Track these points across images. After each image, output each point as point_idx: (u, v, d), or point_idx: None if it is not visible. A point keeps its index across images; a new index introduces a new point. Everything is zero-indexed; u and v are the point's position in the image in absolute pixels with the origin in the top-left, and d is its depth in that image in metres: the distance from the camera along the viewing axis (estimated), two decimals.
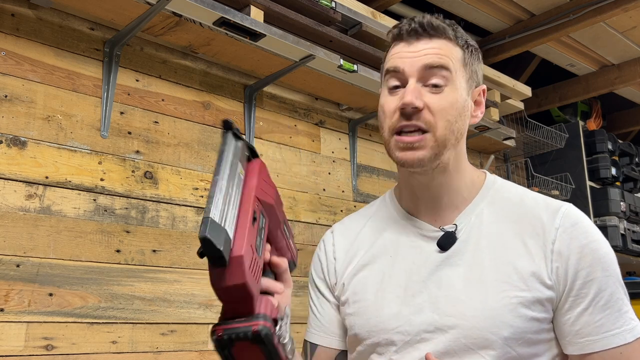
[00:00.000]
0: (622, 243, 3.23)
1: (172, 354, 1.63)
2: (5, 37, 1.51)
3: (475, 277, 0.86)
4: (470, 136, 2.53)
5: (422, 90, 0.87)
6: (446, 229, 0.91)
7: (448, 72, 0.88)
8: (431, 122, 0.86)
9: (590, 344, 0.83)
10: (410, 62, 0.88)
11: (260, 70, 1.95)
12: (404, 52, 0.90)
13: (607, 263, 0.85)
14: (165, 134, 1.77)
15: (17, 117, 1.49)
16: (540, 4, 2.57)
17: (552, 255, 0.85)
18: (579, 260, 0.84)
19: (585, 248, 0.85)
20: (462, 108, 0.89)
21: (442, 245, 0.90)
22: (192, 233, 1.76)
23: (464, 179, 0.95)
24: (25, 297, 1.41)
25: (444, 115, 0.86)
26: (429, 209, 0.94)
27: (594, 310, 0.83)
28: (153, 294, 1.63)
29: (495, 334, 0.82)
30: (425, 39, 0.89)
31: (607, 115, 3.83)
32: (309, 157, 2.16)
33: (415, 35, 0.90)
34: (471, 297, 0.85)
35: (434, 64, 0.87)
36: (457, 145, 0.91)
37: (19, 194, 1.46)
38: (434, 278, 0.89)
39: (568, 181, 3.17)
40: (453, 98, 0.88)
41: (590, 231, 0.87)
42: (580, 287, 0.84)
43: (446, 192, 0.93)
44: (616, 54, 2.99)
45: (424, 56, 0.88)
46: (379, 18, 2.19)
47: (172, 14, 1.60)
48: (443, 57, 0.88)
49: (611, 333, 0.83)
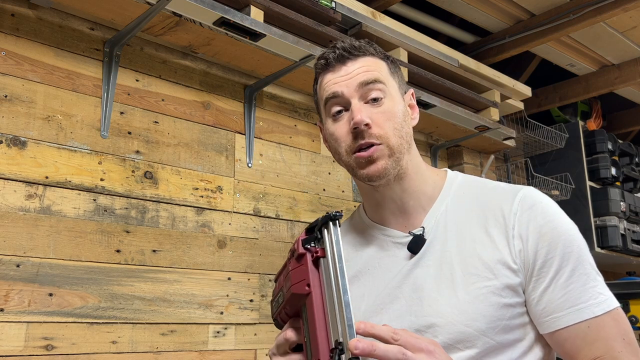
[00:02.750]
0: (622, 243, 3.22)
1: (172, 354, 1.63)
2: (5, 37, 1.51)
3: (445, 274, 0.88)
4: (470, 136, 2.53)
5: (366, 107, 0.91)
6: (414, 233, 0.94)
7: (382, 84, 0.93)
8: (381, 135, 0.90)
9: (556, 320, 0.84)
10: (346, 84, 0.92)
11: (260, 70, 1.95)
12: (337, 77, 0.94)
13: (568, 240, 0.86)
14: (165, 134, 1.77)
15: (17, 117, 1.49)
16: (540, 4, 2.57)
17: (513, 240, 0.87)
18: (537, 240, 0.86)
19: (544, 227, 0.86)
20: (403, 114, 0.94)
21: (412, 249, 0.93)
22: (192, 233, 1.76)
23: (426, 180, 0.98)
24: (25, 297, 1.41)
25: (391, 124, 0.91)
26: (396, 216, 0.97)
27: (555, 288, 0.84)
28: (153, 294, 1.63)
29: (471, 327, 0.84)
30: (351, 61, 0.94)
31: (607, 115, 3.83)
32: (309, 157, 2.16)
33: (341, 60, 0.94)
34: (443, 294, 0.87)
35: (368, 80, 0.92)
36: (410, 149, 0.95)
37: (19, 194, 1.46)
38: (408, 282, 0.91)
39: (568, 181, 3.17)
40: (393, 107, 0.92)
41: (548, 211, 0.88)
42: (540, 267, 0.85)
43: (410, 196, 0.96)
44: (616, 54, 2.99)
45: (357, 75, 0.93)
46: (379, 18, 2.19)
47: (172, 14, 1.60)
48: (373, 72, 0.93)
49: (576, 308, 0.83)
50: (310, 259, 0.71)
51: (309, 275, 0.69)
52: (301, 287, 0.70)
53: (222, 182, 1.88)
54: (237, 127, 1.96)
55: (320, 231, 0.73)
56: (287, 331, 0.76)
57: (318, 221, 0.74)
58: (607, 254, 3.21)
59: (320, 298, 0.68)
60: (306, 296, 0.69)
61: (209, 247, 1.79)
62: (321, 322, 0.66)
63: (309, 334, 0.68)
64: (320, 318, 0.66)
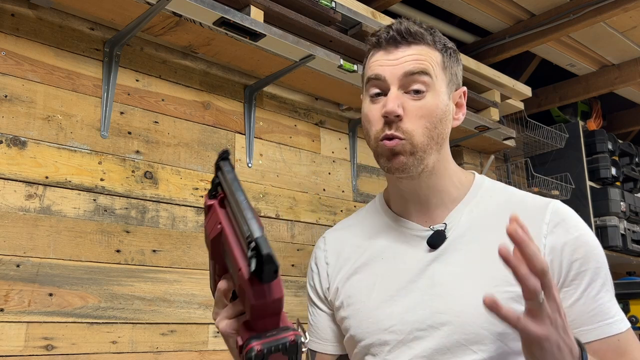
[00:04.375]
0: (622, 243, 3.22)
1: (172, 354, 1.63)
2: (5, 37, 1.51)
3: (466, 273, 0.87)
4: (470, 136, 2.53)
5: (404, 97, 0.89)
6: (436, 228, 0.93)
7: (428, 77, 0.89)
8: (409, 131, 0.87)
9: (586, 333, 0.84)
10: (391, 70, 0.89)
11: (260, 70, 1.95)
12: (384, 60, 0.91)
13: (598, 255, 0.87)
14: (165, 134, 1.77)
15: (17, 117, 1.49)
16: (540, 4, 2.57)
17: (544, 249, 0.86)
18: (572, 252, 0.86)
19: (578, 240, 0.86)
20: (444, 113, 0.91)
21: (432, 243, 0.91)
22: (192, 233, 1.76)
23: (452, 180, 0.96)
24: (25, 297, 1.41)
25: (424, 122, 0.88)
26: (418, 210, 0.96)
27: (587, 301, 0.84)
28: (153, 294, 1.63)
29: (488, 330, 0.83)
30: (404, 46, 0.91)
31: (607, 115, 3.83)
32: (309, 157, 2.16)
33: (394, 43, 0.91)
34: (462, 293, 0.86)
35: (414, 70, 0.88)
36: (440, 149, 0.92)
37: (19, 194, 1.46)
38: (425, 276, 0.90)
39: (568, 181, 3.17)
40: (434, 103, 0.89)
41: (580, 225, 0.89)
42: (573, 278, 0.85)
43: (435, 194, 0.94)
44: (616, 54, 2.99)
45: (404, 63, 0.89)
46: (379, 18, 2.19)
47: (172, 14, 1.60)
48: (423, 63, 0.89)
49: (606, 322, 0.84)
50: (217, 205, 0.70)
51: (219, 217, 0.68)
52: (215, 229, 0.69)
53: None
54: (237, 127, 1.96)
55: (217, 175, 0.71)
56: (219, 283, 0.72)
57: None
58: (607, 254, 3.16)
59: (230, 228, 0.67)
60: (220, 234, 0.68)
61: None
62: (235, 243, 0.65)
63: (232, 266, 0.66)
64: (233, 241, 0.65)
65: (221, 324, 0.70)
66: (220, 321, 0.70)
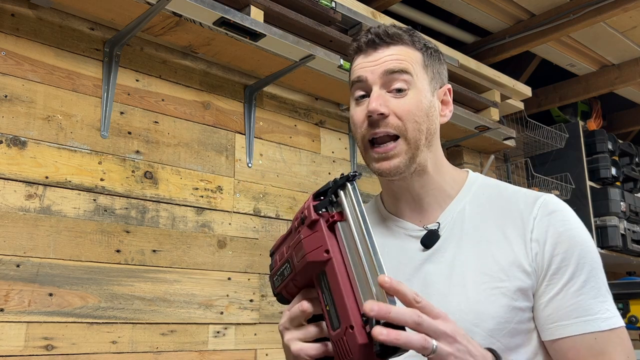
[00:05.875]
0: (622, 243, 3.22)
1: (172, 354, 1.63)
2: (5, 37, 1.51)
3: (457, 271, 0.88)
4: (470, 136, 2.53)
5: (387, 96, 0.90)
6: (429, 227, 0.93)
7: (409, 75, 0.91)
8: (399, 126, 0.89)
9: (560, 328, 0.84)
10: (372, 70, 0.91)
11: (260, 70, 1.95)
12: (365, 62, 0.93)
13: (585, 251, 0.86)
14: (165, 134, 1.77)
15: (17, 117, 1.49)
16: (540, 4, 2.57)
17: (530, 243, 0.87)
18: (554, 246, 0.86)
19: (562, 235, 0.86)
20: (428, 109, 0.92)
21: (425, 243, 0.92)
22: (192, 233, 1.76)
23: (445, 178, 0.97)
24: (25, 297, 1.41)
25: (411, 117, 0.89)
26: (412, 209, 0.97)
27: (566, 295, 0.84)
28: (153, 294, 1.63)
29: (479, 326, 0.84)
30: (383, 47, 0.93)
31: (607, 115, 3.83)
32: (309, 157, 2.16)
33: (373, 45, 0.93)
34: (454, 291, 0.87)
35: (394, 69, 0.90)
36: (430, 146, 0.94)
37: (19, 194, 1.46)
38: (418, 275, 0.91)
39: (568, 181, 3.17)
40: (417, 100, 0.90)
41: (568, 219, 0.89)
42: (554, 272, 0.85)
43: (428, 193, 0.95)
44: (616, 54, 2.99)
45: (384, 63, 0.91)
46: (379, 18, 2.19)
47: (172, 14, 1.60)
48: (402, 62, 0.91)
49: (584, 319, 0.83)
50: (324, 225, 0.67)
51: (326, 241, 0.66)
52: (318, 254, 0.66)
53: (222, 182, 1.88)
54: (237, 127, 1.96)
55: (335, 194, 0.69)
56: (302, 302, 0.71)
57: (330, 184, 0.70)
58: (607, 254, 3.21)
59: (342, 263, 0.65)
60: (325, 263, 0.66)
61: (209, 247, 1.79)
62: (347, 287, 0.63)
63: (332, 302, 0.65)
64: (345, 283, 0.63)
65: (294, 345, 0.72)
66: (294, 341, 0.72)
